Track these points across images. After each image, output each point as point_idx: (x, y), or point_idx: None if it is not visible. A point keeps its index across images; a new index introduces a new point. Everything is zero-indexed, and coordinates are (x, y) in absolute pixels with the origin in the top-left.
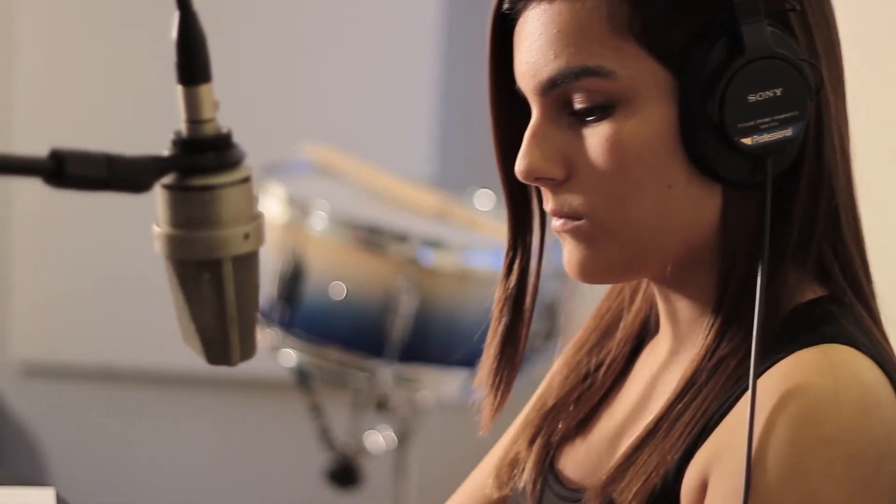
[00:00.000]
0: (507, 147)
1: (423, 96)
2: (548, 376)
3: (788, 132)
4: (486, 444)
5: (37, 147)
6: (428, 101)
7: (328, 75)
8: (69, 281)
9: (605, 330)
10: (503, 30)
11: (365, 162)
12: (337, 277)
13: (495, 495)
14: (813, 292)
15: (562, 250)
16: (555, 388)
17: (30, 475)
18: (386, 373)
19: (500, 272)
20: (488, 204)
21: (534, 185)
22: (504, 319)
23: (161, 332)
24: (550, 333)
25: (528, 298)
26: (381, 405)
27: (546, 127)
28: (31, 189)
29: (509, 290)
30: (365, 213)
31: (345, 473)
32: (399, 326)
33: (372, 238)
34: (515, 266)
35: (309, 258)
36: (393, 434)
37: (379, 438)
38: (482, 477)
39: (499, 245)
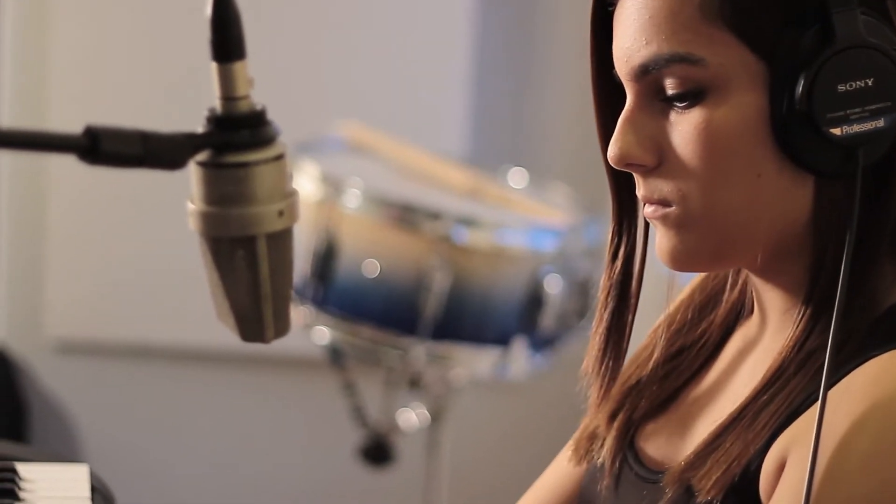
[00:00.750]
0: (610, 132)
1: (457, 74)
2: (635, 352)
3: (880, 123)
4: (519, 424)
5: (71, 124)
6: (462, 79)
7: (361, 53)
8: (103, 258)
9: (699, 310)
10: (603, 16)
11: (398, 140)
12: (370, 255)
13: (573, 469)
14: None
15: (596, 229)
16: (640, 365)
17: (63, 452)
18: (419, 350)
19: (606, 259)
20: (522, 182)
21: (625, 170)
22: (610, 306)
23: (195, 309)
24: (583, 312)
25: (634, 284)
26: (414, 383)
27: (638, 113)
28: (66, 166)
29: (615, 277)
30: (398, 191)
31: (378, 451)
32: (432, 304)
33: (405, 216)
34: (620, 252)
35: (342, 236)
36: (426, 412)
37: (412, 416)
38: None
39: (531, 223)
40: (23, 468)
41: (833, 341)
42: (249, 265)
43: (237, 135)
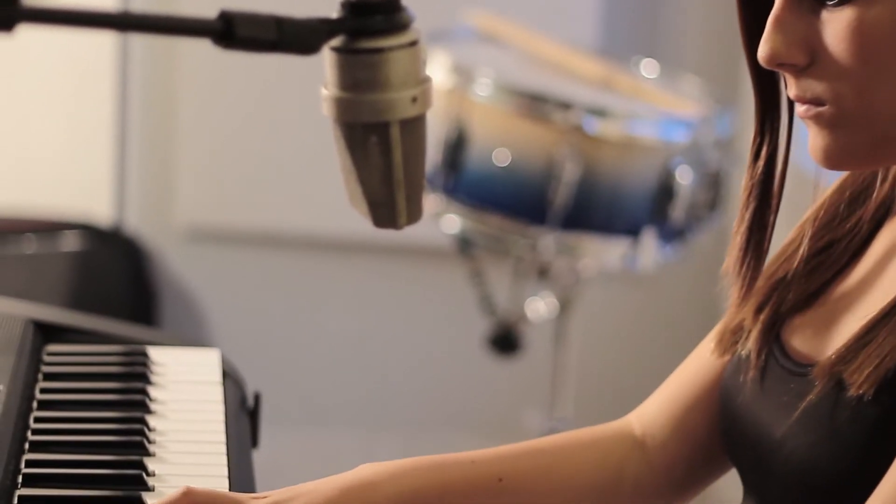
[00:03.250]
0: (753, 32)
1: None
2: (781, 246)
3: None
4: (647, 315)
5: (203, 9)
6: None
7: None
8: (234, 145)
9: (847, 204)
10: None
11: (529, 29)
12: (500, 144)
13: (716, 360)
14: None
15: (728, 121)
16: (787, 260)
17: (193, 338)
18: (548, 240)
19: (748, 157)
20: (654, 73)
21: (776, 70)
22: (752, 205)
23: (326, 196)
24: (714, 204)
25: (776, 184)
26: (543, 273)
27: (788, 12)
28: (197, 51)
29: (757, 176)
30: (529, 81)
31: (505, 340)
32: (562, 194)
33: (536, 105)
34: (763, 152)
35: (473, 125)
36: (554, 302)
37: (540, 306)
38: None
39: (663, 114)
40: (154, 352)
41: None
42: (382, 151)
43: (371, 20)
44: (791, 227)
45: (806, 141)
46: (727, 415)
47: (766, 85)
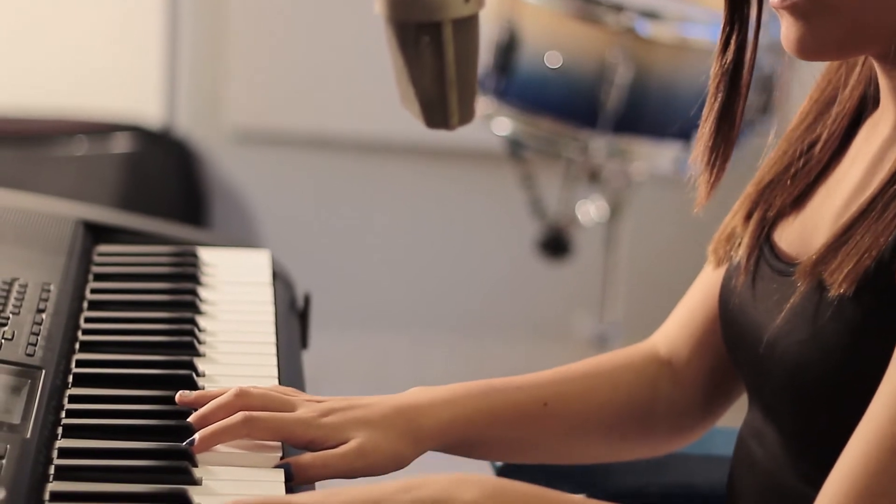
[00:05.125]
0: None
1: None
2: (770, 154)
3: None
4: (698, 218)
5: None
6: None
7: None
8: (284, 47)
9: (824, 106)
10: None
11: None
12: (552, 47)
13: (714, 272)
14: None
15: (779, 23)
16: (774, 165)
17: (243, 240)
18: (599, 143)
19: (717, 47)
20: None
21: None
22: (720, 95)
23: (377, 98)
24: (766, 107)
25: (745, 73)
26: (594, 176)
27: None
28: None
29: (726, 65)
30: None
31: (556, 243)
32: (614, 97)
33: (588, 7)
34: (732, 40)
35: (524, 27)
36: (605, 205)
37: (591, 209)
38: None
39: (717, 16)
40: (204, 252)
41: None
42: (435, 51)
43: None
44: None
45: None
46: (725, 321)
47: None
